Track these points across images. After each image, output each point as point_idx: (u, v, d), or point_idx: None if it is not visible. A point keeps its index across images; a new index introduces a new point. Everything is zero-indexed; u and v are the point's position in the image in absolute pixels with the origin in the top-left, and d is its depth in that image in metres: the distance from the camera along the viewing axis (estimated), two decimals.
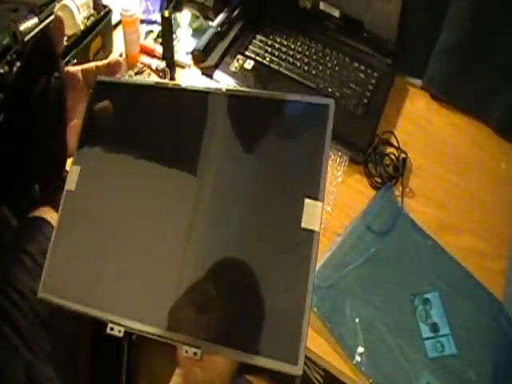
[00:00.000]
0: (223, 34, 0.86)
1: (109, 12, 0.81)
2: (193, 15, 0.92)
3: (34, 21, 0.68)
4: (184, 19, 0.92)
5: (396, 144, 0.78)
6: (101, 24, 0.79)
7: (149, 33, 0.91)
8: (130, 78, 0.82)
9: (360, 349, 0.60)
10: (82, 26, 0.78)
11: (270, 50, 0.86)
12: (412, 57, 0.86)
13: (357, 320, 0.62)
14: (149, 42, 0.89)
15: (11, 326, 0.48)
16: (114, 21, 0.85)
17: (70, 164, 0.46)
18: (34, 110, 0.48)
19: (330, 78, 0.84)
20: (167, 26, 0.78)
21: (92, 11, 0.81)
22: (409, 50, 0.84)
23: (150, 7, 0.93)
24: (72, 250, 0.43)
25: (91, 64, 0.49)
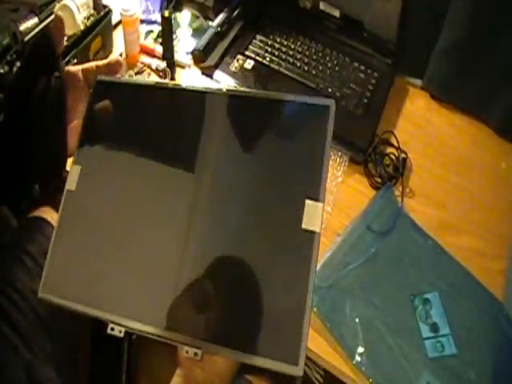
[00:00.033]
0: (223, 34, 0.86)
1: (109, 12, 0.81)
2: (193, 15, 0.92)
3: (34, 21, 0.68)
4: (184, 19, 0.92)
5: (396, 144, 0.78)
6: (101, 24, 0.80)
7: (149, 33, 0.91)
8: (130, 78, 0.82)
9: (360, 349, 0.60)
10: (82, 26, 0.78)
11: (270, 49, 0.86)
12: (412, 57, 0.86)
13: (357, 320, 0.62)
14: (149, 42, 0.89)
15: (11, 326, 0.48)
16: (114, 21, 0.85)
17: (70, 164, 0.46)
18: (34, 110, 0.48)
19: (330, 77, 0.84)
20: (167, 26, 0.78)
21: (92, 11, 0.81)
22: (409, 49, 0.84)
23: (150, 7, 0.93)
24: (72, 250, 0.43)
25: (91, 64, 0.49)
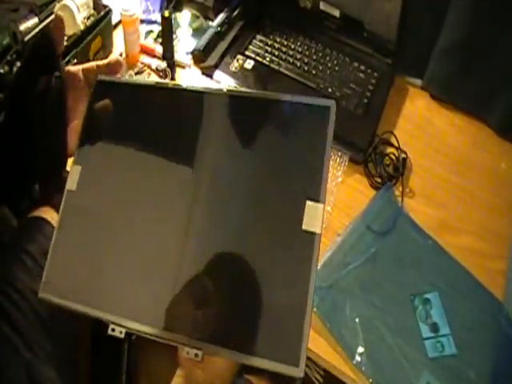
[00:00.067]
0: (223, 34, 0.86)
1: (109, 12, 0.81)
2: (193, 15, 0.92)
3: (34, 21, 0.68)
4: (184, 19, 0.92)
5: (396, 144, 0.78)
6: (101, 24, 0.80)
7: (149, 33, 0.91)
8: (130, 78, 0.82)
9: (360, 349, 0.60)
10: (82, 26, 0.78)
11: (270, 49, 0.86)
12: (412, 57, 0.86)
13: (357, 320, 0.62)
14: (149, 41, 0.89)
15: (11, 326, 0.48)
16: (114, 21, 0.85)
17: (70, 164, 0.46)
18: (34, 110, 0.48)
19: (330, 77, 0.84)
20: (167, 26, 0.78)
21: (92, 11, 0.81)
22: (409, 50, 0.84)
23: (150, 7, 0.93)
24: (72, 250, 0.43)
25: (92, 63, 0.49)
